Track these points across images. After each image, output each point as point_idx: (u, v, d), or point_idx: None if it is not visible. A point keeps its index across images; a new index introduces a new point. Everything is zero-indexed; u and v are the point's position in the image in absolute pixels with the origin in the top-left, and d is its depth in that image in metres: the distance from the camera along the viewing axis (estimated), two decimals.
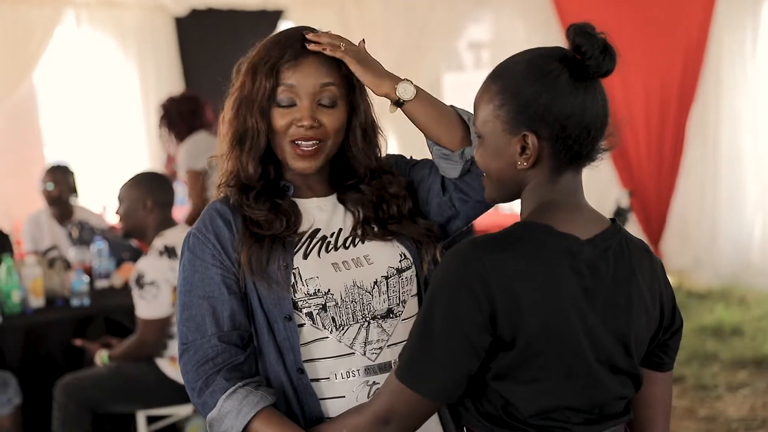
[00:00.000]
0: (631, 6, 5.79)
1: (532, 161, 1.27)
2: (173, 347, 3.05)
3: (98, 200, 5.58)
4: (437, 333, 1.22)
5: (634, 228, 5.83)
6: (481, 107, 1.31)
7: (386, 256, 1.51)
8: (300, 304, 1.44)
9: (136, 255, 3.97)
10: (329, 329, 1.45)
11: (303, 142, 1.46)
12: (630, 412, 1.36)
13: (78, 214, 4.45)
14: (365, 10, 6.54)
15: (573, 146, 1.26)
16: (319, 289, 1.44)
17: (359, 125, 1.52)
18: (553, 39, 5.35)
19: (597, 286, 1.26)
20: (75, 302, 3.52)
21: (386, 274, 1.49)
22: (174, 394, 3.05)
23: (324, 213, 1.53)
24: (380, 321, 1.48)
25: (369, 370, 1.46)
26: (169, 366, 3.09)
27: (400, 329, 1.49)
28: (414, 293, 1.53)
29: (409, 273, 1.52)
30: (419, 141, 1.57)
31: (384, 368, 1.47)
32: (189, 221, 4.05)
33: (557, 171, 1.28)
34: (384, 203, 1.53)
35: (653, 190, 6.06)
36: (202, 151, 4.14)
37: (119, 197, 3.18)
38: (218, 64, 2.02)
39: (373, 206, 1.53)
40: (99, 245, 3.95)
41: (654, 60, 5.73)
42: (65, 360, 3.32)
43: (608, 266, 1.27)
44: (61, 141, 6.15)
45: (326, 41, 1.45)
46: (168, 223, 3.17)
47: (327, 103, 1.46)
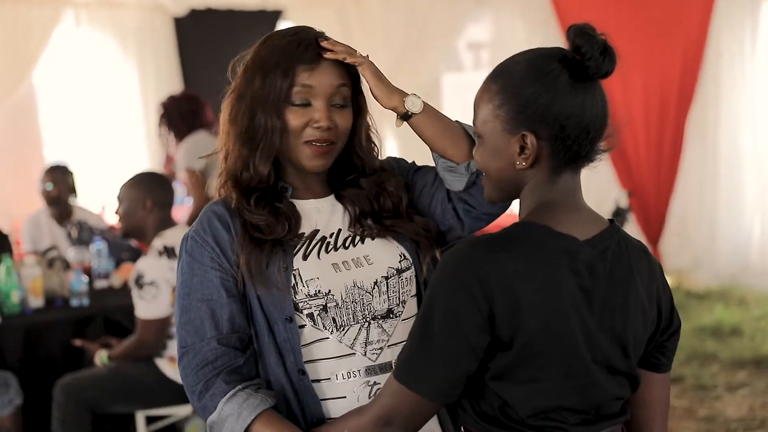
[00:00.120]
0: (631, 6, 5.79)
1: (531, 161, 1.27)
2: (173, 347, 3.04)
3: (97, 200, 5.57)
4: (436, 333, 1.22)
5: (633, 228, 5.83)
6: (481, 107, 1.31)
7: (386, 257, 1.51)
8: (301, 305, 1.44)
9: (136, 255, 3.97)
10: (330, 330, 1.45)
11: (318, 142, 1.46)
12: (627, 413, 1.36)
13: (77, 214, 4.45)
14: (365, 10, 6.53)
15: (572, 147, 1.26)
16: (320, 290, 1.44)
17: (364, 126, 1.54)
18: (553, 39, 5.36)
19: (595, 287, 1.26)
20: (74, 302, 3.52)
21: (386, 275, 1.49)
22: (173, 395, 3.05)
23: (322, 214, 1.53)
24: (380, 321, 1.48)
25: (370, 371, 1.46)
26: (169, 366, 3.08)
27: (400, 329, 1.49)
28: (413, 294, 1.53)
29: (409, 273, 1.52)
30: (419, 144, 1.58)
31: (384, 368, 1.47)
32: (190, 221, 4.04)
33: (556, 171, 1.28)
34: (380, 197, 1.54)
35: (652, 191, 6.06)
36: (202, 151, 4.11)
37: (119, 197, 3.18)
38: (217, 64, 2.02)
39: (369, 201, 1.54)
40: (98, 245, 3.95)
41: (653, 60, 5.73)
42: (65, 360, 3.31)
43: (606, 267, 1.27)
44: (61, 141, 6.15)
45: (341, 49, 1.47)
46: (167, 223, 3.17)
47: (340, 103, 1.48)
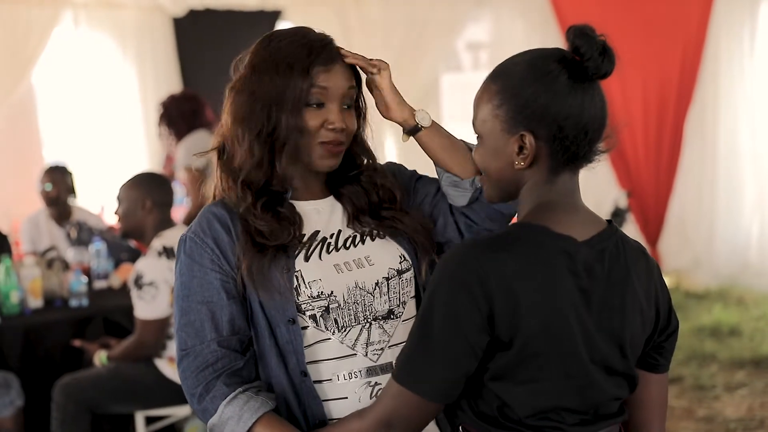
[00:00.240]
0: (630, 7, 5.80)
1: (529, 161, 1.27)
2: (172, 348, 3.04)
3: (96, 201, 5.57)
4: (436, 333, 1.22)
5: (632, 228, 5.83)
6: (481, 107, 1.31)
7: (387, 257, 1.51)
8: (304, 307, 1.43)
9: (135, 256, 3.97)
10: (331, 330, 1.45)
11: (332, 143, 1.47)
12: (625, 413, 1.36)
13: (76, 215, 4.44)
14: (364, 11, 6.53)
15: (570, 147, 1.26)
16: (323, 292, 1.44)
17: (366, 126, 1.56)
18: (552, 40, 5.36)
19: (593, 288, 1.26)
20: (73, 303, 3.52)
21: (387, 275, 1.49)
22: (173, 395, 3.05)
23: (322, 215, 1.53)
24: (381, 322, 1.48)
25: (371, 371, 1.46)
26: (168, 366, 3.08)
27: (401, 330, 1.49)
28: (412, 295, 1.54)
29: (409, 275, 1.52)
30: (418, 146, 1.58)
31: (385, 369, 1.47)
32: (187, 220, 4.03)
33: (554, 171, 1.29)
34: (378, 192, 1.55)
35: (651, 191, 6.06)
36: (201, 150, 4.12)
37: (118, 197, 3.18)
38: (216, 65, 2.02)
39: (367, 196, 1.55)
40: (97, 246, 3.95)
41: (652, 61, 5.73)
42: (64, 360, 3.31)
43: (604, 267, 1.27)
44: (60, 141, 6.14)
45: (360, 57, 1.50)
46: (167, 224, 3.17)
47: (350, 104, 1.49)
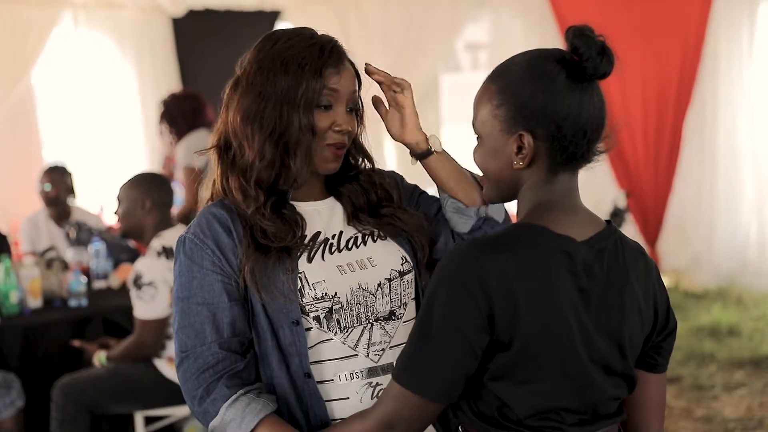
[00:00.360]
0: (629, 7, 5.80)
1: (528, 161, 1.27)
2: (171, 348, 3.04)
3: (96, 201, 5.57)
4: (436, 333, 1.22)
5: (631, 228, 5.83)
6: (480, 107, 1.32)
7: (389, 258, 1.52)
8: (308, 308, 1.43)
9: (134, 256, 3.97)
10: (333, 331, 1.45)
11: (337, 145, 1.47)
12: (623, 413, 1.36)
13: (75, 215, 4.44)
14: (363, 11, 6.53)
15: (569, 147, 1.26)
16: (327, 293, 1.43)
17: (364, 128, 1.56)
18: (551, 40, 5.37)
19: (592, 288, 1.26)
20: (73, 303, 3.52)
21: (389, 277, 1.50)
22: (172, 395, 3.05)
23: (322, 215, 1.53)
24: (383, 323, 1.48)
25: (372, 372, 1.46)
26: (167, 366, 3.08)
27: (402, 331, 1.49)
28: (413, 296, 1.54)
29: (410, 276, 1.53)
30: None
31: (386, 370, 1.47)
32: (180, 218, 4.02)
33: (553, 171, 1.29)
34: (377, 190, 1.56)
35: (650, 191, 6.06)
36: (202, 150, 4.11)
37: (118, 197, 3.18)
38: (215, 65, 2.02)
39: (366, 195, 1.55)
40: (96, 246, 3.95)
41: (651, 61, 5.73)
42: (63, 361, 3.31)
43: (603, 267, 1.28)
44: (59, 142, 6.15)
45: (384, 73, 1.53)
46: (166, 224, 3.17)
47: (354, 108, 1.50)
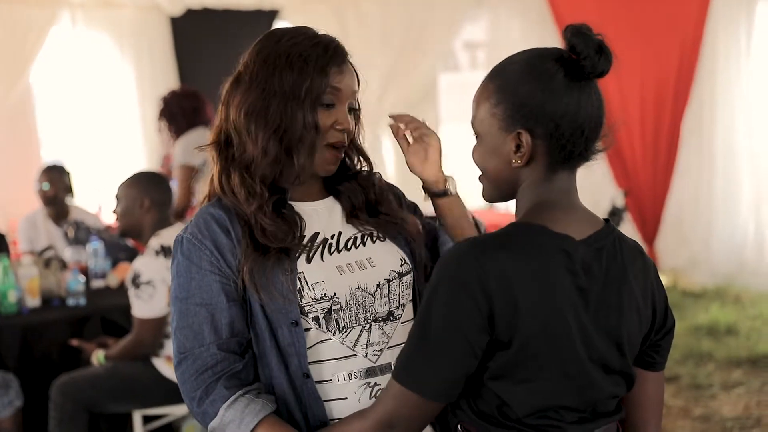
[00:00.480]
0: (627, 6, 5.80)
1: (526, 159, 1.27)
2: (169, 347, 3.04)
3: (94, 200, 5.57)
4: (435, 333, 1.22)
5: (630, 228, 5.84)
6: (479, 106, 1.32)
7: (388, 259, 1.52)
8: (307, 309, 1.42)
9: (132, 255, 3.96)
10: (332, 331, 1.44)
11: (337, 145, 1.47)
12: (622, 410, 1.37)
13: (74, 214, 4.43)
14: (362, 10, 6.53)
15: (566, 145, 1.26)
16: (326, 293, 1.43)
17: (362, 129, 1.57)
18: (550, 40, 5.36)
19: (591, 286, 1.26)
20: (71, 302, 3.52)
21: (388, 277, 1.50)
22: (170, 394, 3.05)
23: (321, 215, 1.53)
24: (381, 323, 1.48)
25: (370, 372, 1.46)
26: (166, 365, 3.08)
27: (400, 332, 1.49)
28: (411, 298, 1.54)
29: (408, 278, 1.53)
30: None
31: (384, 370, 1.47)
32: (173, 215, 4.00)
33: (552, 170, 1.29)
34: (374, 190, 1.57)
35: (648, 190, 6.07)
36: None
37: (117, 196, 3.18)
38: (213, 64, 2.02)
39: (365, 194, 1.56)
40: (95, 245, 3.95)
41: (649, 59, 5.74)
42: (62, 360, 3.31)
43: (601, 266, 1.28)
44: (58, 141, 6.15)
45: (408, 119, 1.58)
46: (164, 223, 3.17)
47: (353, 107, 1.50)
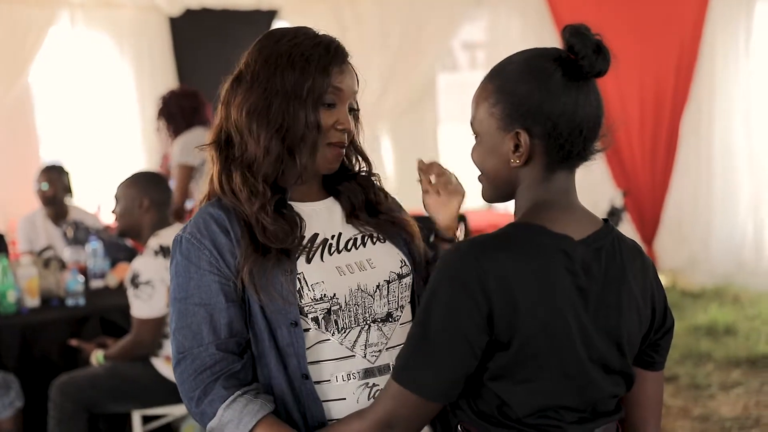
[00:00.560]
0: (626, 6, 5.81)
1: (524, 159, 1.27)
2: (168, 347, 3.04)
3: (93, 200, 5.57)
4: (435, 333, 1.22)
5: (628, 228, 5.84)
6: (478, 106, 1.32)
7: (388, 260, 1.52)
8: (306, 309, 1.42)
9: (131, 255, 3.96)
10: (331, 332, 1.44)
11: (338, 144, 1.47)
12: (621, 410, 1.37)
13: (73, 214, 4.43)
14: (360, 10, 6.52)
15: (565, 145, 1.26)
16: (325, 294, 1.43)
17: (362, 129, 1.57)
18: (548, 39, 5.37)
19: (591, 286, 1.26)
20: (70, 302, 3.52)
21: (388, 279, 1.50)
22: (169, 394, 3.05)
23: (320, 216, 1.53)
24: (380, 324, 1.48)
25: (368, 373, 1.46)
26: (165, 365, 3.08)
27: (398, 333, 1.49)
28: (409, 300, 1.54)
29: (408, 280, 1.53)
30: (415, 144, 1.60)
31: (382, 371, 1.47)
32: (170, 214, 4.00)
33: (550, 170, 1.29)
34: (374, 190, 1.58)
35: (647, 190, 6.07)
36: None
37: (116, 196, 3.18)
38: (212, 64, 2.02)
39: (365, 194, 1.56)
40: (94, 245, 3.95)
41: (648, 59, 5.74)
42: (61, 360, 3.31)
43: (601, 266, 1.28)
44: (57, 141, 6.15)
45: (438, 170, 1.63)
46: (164, 223, 3.17)
47: (353, 108, 1.50)
